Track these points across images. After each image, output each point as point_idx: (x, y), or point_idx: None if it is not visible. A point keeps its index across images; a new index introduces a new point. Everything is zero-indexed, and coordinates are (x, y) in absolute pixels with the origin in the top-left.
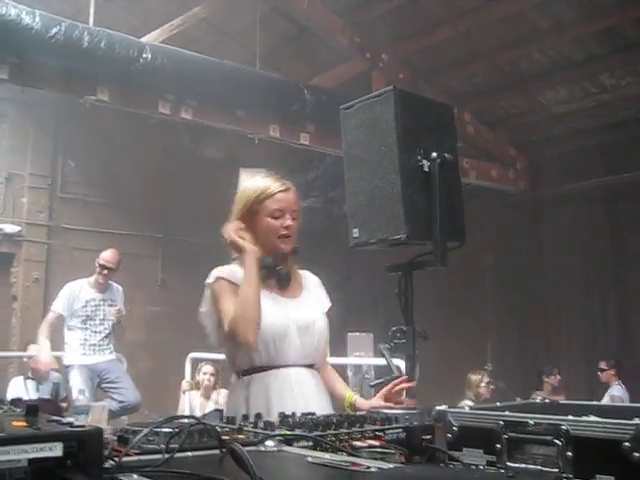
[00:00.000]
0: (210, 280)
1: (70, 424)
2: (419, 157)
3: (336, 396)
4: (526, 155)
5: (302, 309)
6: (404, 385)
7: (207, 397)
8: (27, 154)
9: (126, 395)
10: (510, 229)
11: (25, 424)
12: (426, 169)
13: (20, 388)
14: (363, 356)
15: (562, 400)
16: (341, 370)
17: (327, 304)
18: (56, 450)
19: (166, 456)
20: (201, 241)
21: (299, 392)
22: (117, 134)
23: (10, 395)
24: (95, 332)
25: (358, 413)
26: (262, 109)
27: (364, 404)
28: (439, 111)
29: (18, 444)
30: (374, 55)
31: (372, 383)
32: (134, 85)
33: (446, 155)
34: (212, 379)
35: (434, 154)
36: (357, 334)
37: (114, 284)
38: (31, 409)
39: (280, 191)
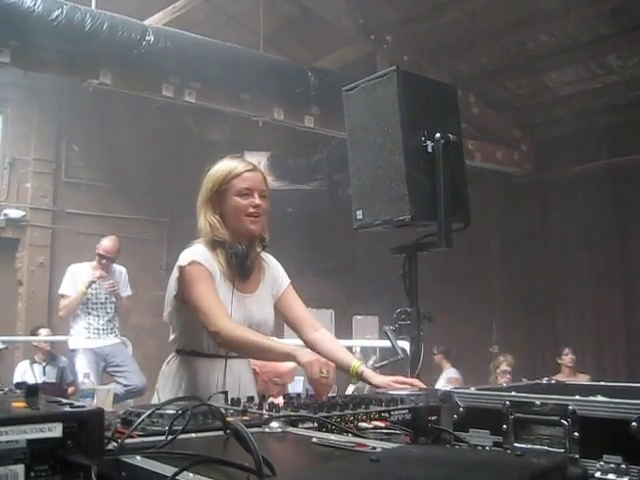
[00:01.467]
0: (184, 263)
1: (70, 404)
2: (423, 138)
3: (333, 358)
4: (531, 137)
5: (255, 307)
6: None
7: None
8: (31, 139)
9: (132, 379)
10: (516, 211)
11: (24, 405)
12: (430, 150)
13: (26, 372)
14: (369, 339)
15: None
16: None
17: (286, 283)
18: (55, 431)
19: (169, 437)
20: None
21: (238, 381)
22: (121, 118)
23: (17, 379)
24: (98, 316)
25: (363, 394)
26: (266, 92)
27: (374, 378)
28: (442, 91)
29: (16, 424)
30: (378, 37)
31: (377, 365)
32: (137, 68)
33: (450, 136)
34: None
35: (438, 135)
36: (363, 317)
37: (116, 267)
38: (31, 390)
39: (247, 170)
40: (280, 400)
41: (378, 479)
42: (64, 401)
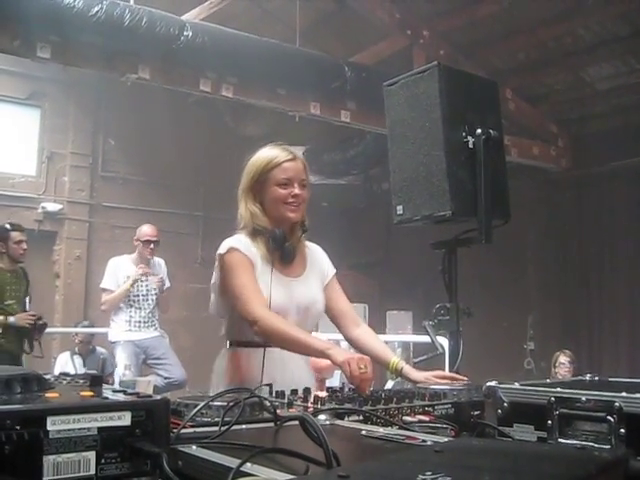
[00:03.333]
0: (222, 251)
1: (137, 394)
2: (464, 133)
3: (374, 356)
4: (568, 132)
5: (302, 290)
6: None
7: None
8: (68, 133)
9: (172, 371)
10: (553, 207)
11: (92, 394)
12: (471, 145)
13: (68, 363)
14: (402, 334)
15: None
16: None
17: (332, 272)
18: (125, 419)
19: (223, 428)
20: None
21: (289, 371)
22: (157, 112)
23: (57, 371)
24: (139, 308)
25: (406, 388)
26: (303, 86)
27: (413, 373)
28: (483, 87)
29: (89, 413)
30: (414, 31)
31: (416, 360)
32: (175, 63)
33: (491, 131)
34: None
35: (479, 130)
36: (396, 312)
37: (155, 258)
38: (95, 380)
39: (287, 160)
40: (324, 393)
41: (450, 469)
42: (129, 391)
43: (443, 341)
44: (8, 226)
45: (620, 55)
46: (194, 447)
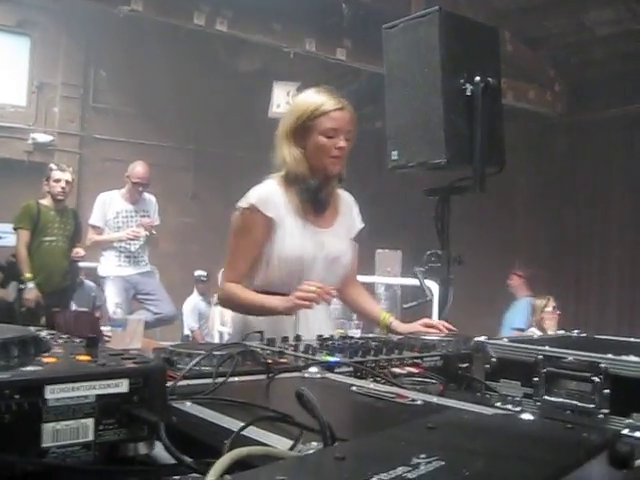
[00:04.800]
0: (241, 205)
1: (133, 358)
2: (462, 80)
3: (366, 313)
4: (566, 77)
5: (332, 242)
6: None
7: None
8: (59, 63)
9: (162, 307)
10: (544, 152)
11: (89, 358)
12: (469, 93)
13: None
14: (391, 272)
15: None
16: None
17: (359, 226)
18: (122, 386)
19: (217, 381)
20: (232, 154)
21: (311, 321)
22: (149, 44)
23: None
24: (129, 244)
25: (396, 337)
26: (298, 22)
27: (400, 327)
28: (484, 34)
29: (87, 381)
30: None
31: (405, 306)
32: None
33: (489, 79)
34: None
35: (477, 78)
36: (386, 251)
37: (146, 195)
38: (91, 342)
39: (336, 109)
40: (314, 342)
41: (443, 451)
42: (126, 355)
43: (433, 285)
44: (52, 165)
45: (623, 0)
46: (188, 404)
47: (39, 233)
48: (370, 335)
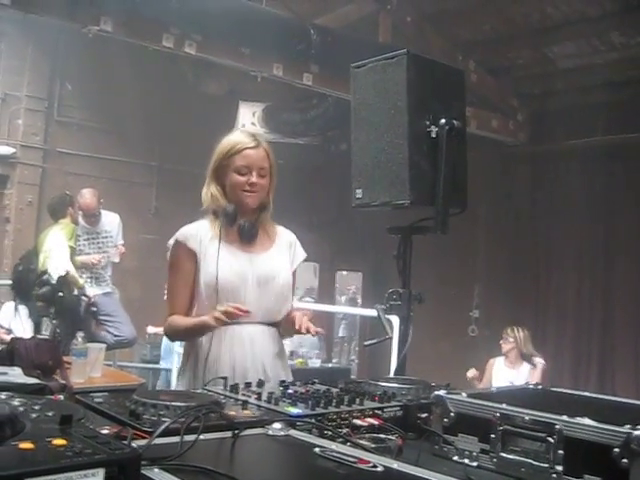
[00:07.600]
0: (170, 242)
1: (109, 443)
2: (427, 122)
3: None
4: (528, 107)
5: (265, 262)
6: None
7: None
8: (24, 75)
9: (122, 329)
10: (507, 180)
11: (65, 443)
12: (433, 135)
13: (11, 314)
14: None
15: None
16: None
17: (300, 258)
18: (98, 476)
19: (185, 443)
20: (196, 171)
21: (251, 351)
22: (117, 61)
23: (1, 321)
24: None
25: (357, 389)
26: (266, 47)
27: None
28: (450, 76)
29: (64, 472)
30: None
31: (366, 343)
32: (138, 17)
33: (454, 122)
34: None
35: (443, 120)
36: (346, 273)
37: (110, 215)
38: (65, 419)
39: (248, 147)
40: (277, 388)
41: None
42: (101, 438)
43: (394, 319)
44: None
45: (585, 35)
46: (156, 470)
47: None
48: (329, 365)
